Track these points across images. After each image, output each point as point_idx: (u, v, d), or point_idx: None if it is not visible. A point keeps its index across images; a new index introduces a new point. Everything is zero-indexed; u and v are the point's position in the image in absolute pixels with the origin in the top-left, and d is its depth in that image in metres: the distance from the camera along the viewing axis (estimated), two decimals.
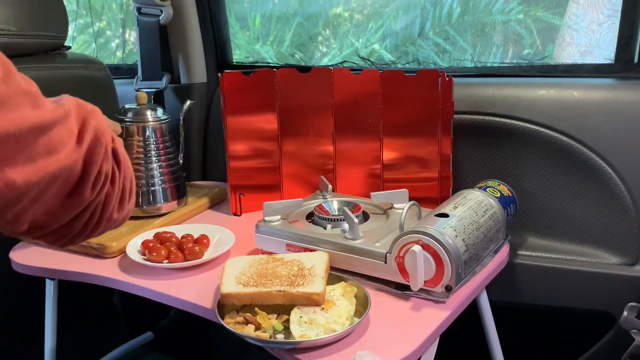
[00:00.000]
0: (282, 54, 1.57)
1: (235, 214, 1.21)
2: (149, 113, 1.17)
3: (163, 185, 1.17)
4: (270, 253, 0.95)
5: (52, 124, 0.51)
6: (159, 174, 1.17)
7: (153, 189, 1.16)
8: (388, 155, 1.17)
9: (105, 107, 1.32)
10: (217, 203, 1.27)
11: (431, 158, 1.11)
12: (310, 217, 1.02)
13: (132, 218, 1.14)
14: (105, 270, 0.98)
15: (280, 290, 0.78)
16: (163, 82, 1.38)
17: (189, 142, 1.48)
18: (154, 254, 0.97)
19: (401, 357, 0.73)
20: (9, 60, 0.48)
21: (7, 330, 1.29)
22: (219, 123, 1.27)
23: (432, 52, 1.39)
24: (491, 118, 1.14)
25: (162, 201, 1.17)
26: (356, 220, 0.92)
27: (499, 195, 1.01)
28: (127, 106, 1.19)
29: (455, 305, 0.84)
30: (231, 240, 1.02)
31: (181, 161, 1.25)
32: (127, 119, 1.16)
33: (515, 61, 1.30)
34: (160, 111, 1.19)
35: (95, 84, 1.31)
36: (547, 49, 1.28)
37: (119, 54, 1.83)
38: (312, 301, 0.77)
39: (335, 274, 0.87)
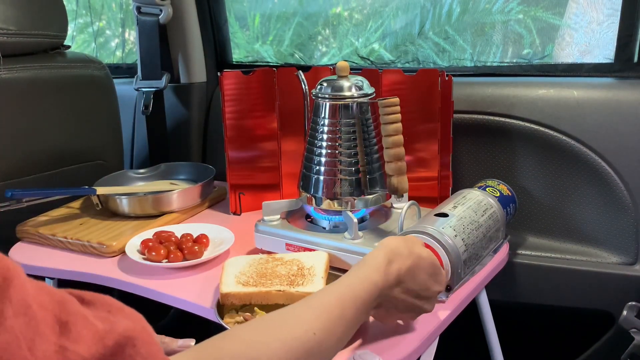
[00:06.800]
0: (282, 54, 1.57)
1: (234, 214, 1.21)
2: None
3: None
4: (269, 252, 0.95)
5: None
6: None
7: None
8: None
9: (105, 106, 1.35)
10: (216, 202, 1.27)
11: (430, 157, 1.11)
12: (309, 216, 1.02)
13: (133, 217, 1.14)
14: (105, 270, 0.98)
15: (280, 290, 0.78)
16: (163, 82, 1.38)
17: (188, 142, 1.48)
18: (154, 253, 0.97)
19: (401, 357, 0.73)
20: None
21: None
22: (219, 122, 1.26)
23: (432, 52, 1.39)
24: (491, 117, 1.14)
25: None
26: (355, 219, 0.92)
27: (498, 194, 1.01)
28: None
29: (455, 305, 0.84)
30: (231, 239, 1.02)
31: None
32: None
33: (514, 61, 1.30)
34: None
35: (94, 83, 1.31)
36: (547, 49, 1.28)
37: (118, 53, 1.83)
38: None
39: (335, 273, 0.87)
